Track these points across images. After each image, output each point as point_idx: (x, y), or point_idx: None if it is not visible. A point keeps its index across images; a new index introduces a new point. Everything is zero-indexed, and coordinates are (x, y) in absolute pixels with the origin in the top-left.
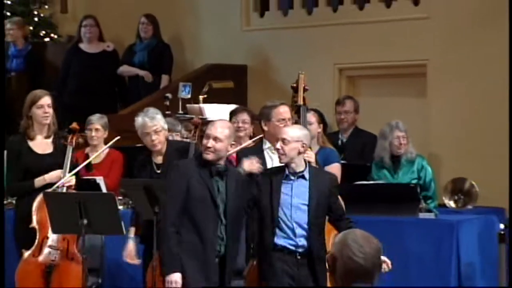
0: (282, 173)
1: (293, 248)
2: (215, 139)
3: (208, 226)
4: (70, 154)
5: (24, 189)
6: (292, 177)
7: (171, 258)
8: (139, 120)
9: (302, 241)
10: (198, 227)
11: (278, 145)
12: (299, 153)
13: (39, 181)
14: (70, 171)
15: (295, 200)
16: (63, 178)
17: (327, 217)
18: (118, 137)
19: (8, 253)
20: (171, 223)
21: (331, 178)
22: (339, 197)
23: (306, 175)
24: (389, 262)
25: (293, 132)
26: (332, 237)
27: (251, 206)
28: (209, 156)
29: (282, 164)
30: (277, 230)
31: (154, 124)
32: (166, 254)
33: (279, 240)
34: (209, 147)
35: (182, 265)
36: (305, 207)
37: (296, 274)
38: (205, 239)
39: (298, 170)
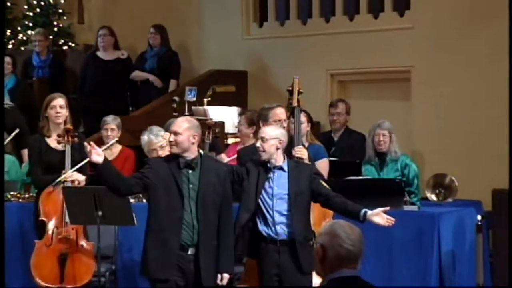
0: (266, 166)
1: (274, 235)
2: (175, 133)
3: (172, 216)
4: (69, 152)
5: (54, 181)
6: (273, 170)
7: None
8: (144, 138)
9: (282, 229)
10: (163, 217)
11: (258, 143)
12: (277, 149)
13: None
14: (72, 167)
15: (276, 191)
16: (65, 173)
17: (312, 207)
18: (116, 139)
19: (30, 244)
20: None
21: (310, 167)
22: (321, 181)
23: (285, 167)
24: (392, 218)
25: (271, 131)
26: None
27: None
28: (173, 149)
29: None
30: (260, 219)
31: (159, 141)
32: None
33: (262, 229)
34: (171, 141)
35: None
36: (286, 196)
37: (278, 260)
38: (169, 228)
39: (277, 164)
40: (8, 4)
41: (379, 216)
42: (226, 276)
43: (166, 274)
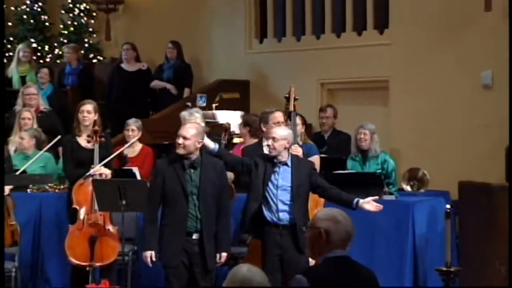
0: (272, 161)
1: (276, 221)
2: (184, 137)
3: (178, 208)
4: (97, 150)
5: (84, 175)
6: (279, 165)
7: (146, 239)
8: (182, 113)
9: (285, 216)
10: (171, 210)
11: (270, 142)
12: (285, 148)
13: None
14: (99, 163)
15: (281, 183)
16: (93, 168)
17: (310, 196)
18: (137, 138)
19: (65, 228)
20: (150, 210)
21: (309, 163)
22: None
23: (289, 162)
24: (380, 206)
25: (281, 132)
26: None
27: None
28: (180, 151)
29: None
30: (266, 206)
31: (191, 118)
32: (144, 236)
33: (267, 215)
34: (180, 144)
35: (157, 244)
36: (289, 188)
37: (280, 242)
38: (177, 219)
39: (283, 160)
40: (47, 24)
41: (370, 204)
42: (224, 254)
43: (175, 261)
